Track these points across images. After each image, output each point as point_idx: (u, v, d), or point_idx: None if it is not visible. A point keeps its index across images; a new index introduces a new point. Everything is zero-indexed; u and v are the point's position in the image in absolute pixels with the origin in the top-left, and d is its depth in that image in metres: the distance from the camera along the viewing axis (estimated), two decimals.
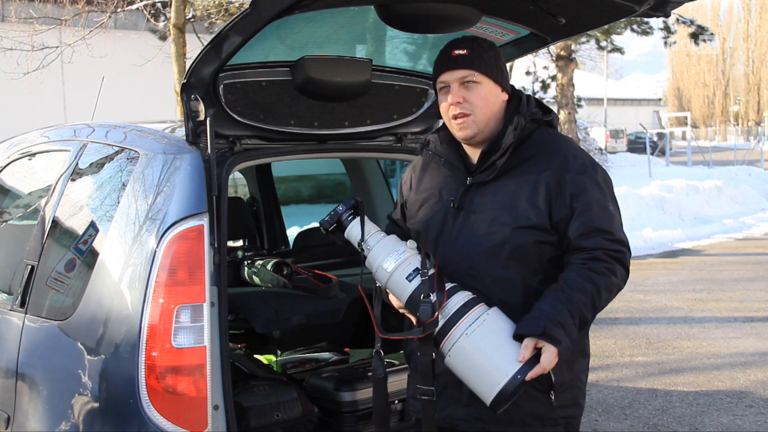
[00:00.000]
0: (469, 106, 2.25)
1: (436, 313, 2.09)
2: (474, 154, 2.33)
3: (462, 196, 2.28)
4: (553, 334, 2.04)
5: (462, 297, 2.14)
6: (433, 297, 2.12)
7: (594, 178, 2.23)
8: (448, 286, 2.16)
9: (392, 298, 2.26)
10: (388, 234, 2.31)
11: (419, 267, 2.16)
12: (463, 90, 2.25)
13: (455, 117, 2.27)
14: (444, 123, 2.39)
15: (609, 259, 2.17)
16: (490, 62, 2.27)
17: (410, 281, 2.16)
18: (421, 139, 2.60)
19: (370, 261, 2.24)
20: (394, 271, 2.18)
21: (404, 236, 2.36)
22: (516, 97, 2.34)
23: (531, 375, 2.03)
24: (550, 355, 2.03)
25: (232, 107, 2.62)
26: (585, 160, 2.26)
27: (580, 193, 2.19)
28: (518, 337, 2.07)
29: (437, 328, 2.11)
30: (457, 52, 2.26)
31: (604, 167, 2.32)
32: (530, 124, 2.28)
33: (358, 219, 2.27)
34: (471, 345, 2.07)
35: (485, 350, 2.07)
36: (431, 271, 2.16)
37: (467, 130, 2.27)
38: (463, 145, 2.36)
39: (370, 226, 2.28)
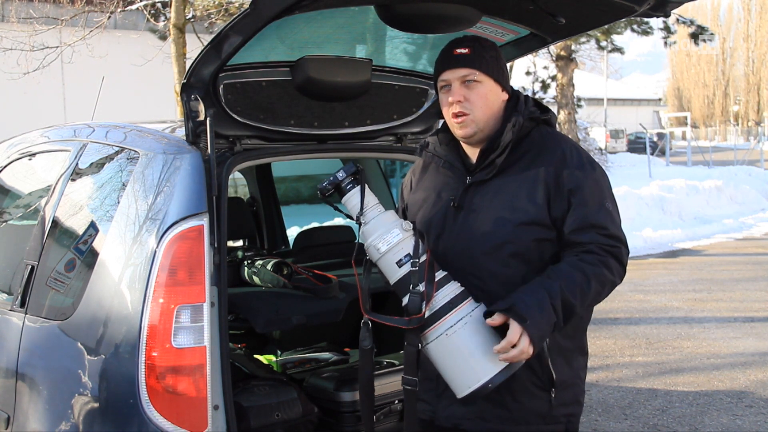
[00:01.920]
0: (469, 105, 2.26)
1: (424, 310, 2.09)
2: (473, 153, 2.34)
3: (462, 195, 2.28)
4: (520, 311, 2.03)
5: (449, 291, 2.14)
6: (421, 287, 2.12)
7: (592, 175, 2.23)
8: (439, 275, 2.16)
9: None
10: (387, 209, 2.28)
11: (411, 253, 2.16)
12: (464, 89, 2.26)
13: (455, 115, 2.27)
14: (443, 124, 2.40)
15: (602, 252, 2.17)
16: (492, 62, 2.28)
17: (400, 267, 2.16)
18: (421, 139, 2.61)
19: (364, 235, 2.22)
20: (386, 254, 2.18)
21: None
22: (514, 96, 2.35)
23: (505, 357, 2.03)
24: (513, 332, 2.02)
25: (232, 107, 2.62)
26: (583, 157, 2.27)
27: (577, 189, 2.20)
28: (489, 314, 2.07)
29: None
30: (458, 50, 2.27)
31: (602, 166, 2.33)
32: (528, 122, 2.29)
33: (358, 188, 2.24)
34: (451, 344, 2.09)
35: (463, 351, 2.09)
36: (423, 258, 2.15)
37: (467, 129, 2.28)
38: (462, 144, 2.37)
39: (369, 197, 2.25)
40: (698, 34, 18.60)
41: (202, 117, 2.45)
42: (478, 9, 2.54)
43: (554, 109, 21.20)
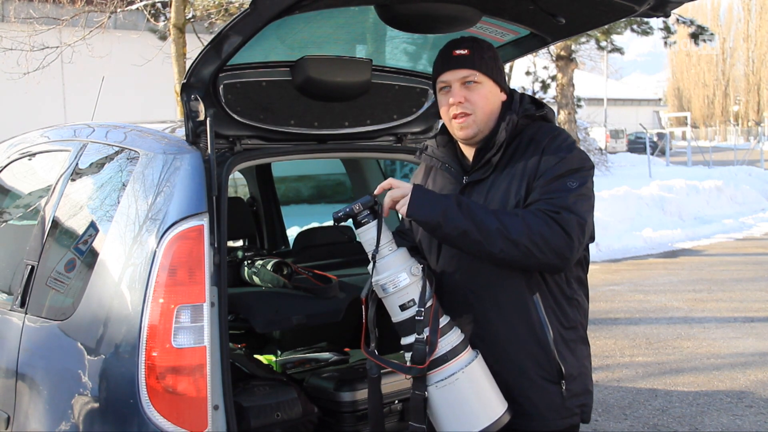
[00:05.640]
0: (470, 106, 2.26)
1: (427, 361, 2.12)
2: (470, 154, 2.35)
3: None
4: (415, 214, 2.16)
5: (453, 338, 2.17)
6: (425, 332, 2.13)
7: (565, 158, 2.19)
8: (443, 322, 2.18)
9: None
10: (399, 246, 2.26)
11: (416, 299, 2.16)
12: (464, 90, 2.27)
13: (456, 117, 2.27)
14: (441, 126, 2.40)
15: (539, 212, 2.11)
16: (491, 62, 2.29)
17: (403, 311, 2.18)
18: (421, 139, 2.61)
19: (374, 271, 2.21)
20: (392, 295, 2.19)
21: (412, 248, 2.35)
22: (509, 95, 2.36)
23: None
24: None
25: (232, 107, 2.62)
26: (561, 144, 2.23)
27: (546, 171, 2.18)
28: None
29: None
30: (458, 51, 2.27)
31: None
32: (524, 120, 2.29)
33: (374, 223, 2.22)
34: (450, 391, 2.14)
35: (461, 399, 2.14)
36: (429, 303, 2.17)
37: (468, 130, 2.28)
38: (460, 145, 2.37)
39: (384, 233, 2.22)
40: (698, 34, 18.60)
41: (202, 117, 2.45)
42: (478, 9, 2.54)
43: (554, 109, 21.21)
